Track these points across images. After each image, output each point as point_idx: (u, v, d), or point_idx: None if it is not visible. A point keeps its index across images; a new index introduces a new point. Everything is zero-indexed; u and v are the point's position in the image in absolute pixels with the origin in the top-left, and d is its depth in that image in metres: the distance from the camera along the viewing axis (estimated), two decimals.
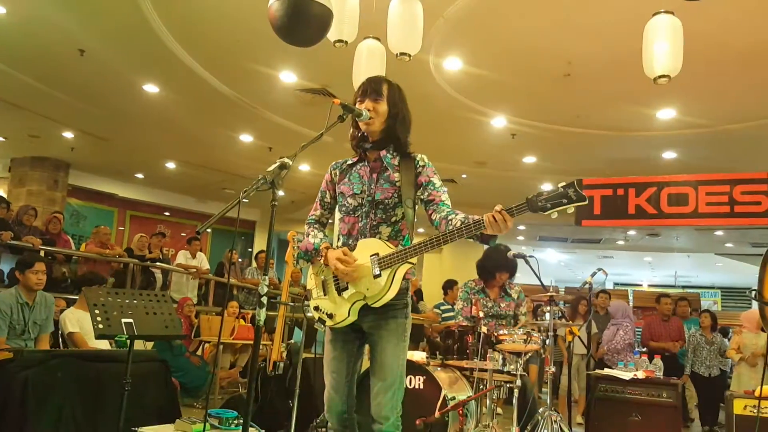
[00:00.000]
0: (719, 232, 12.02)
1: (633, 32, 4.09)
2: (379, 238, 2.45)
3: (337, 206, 2.66)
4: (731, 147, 7.23)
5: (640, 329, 8.69)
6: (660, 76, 3.74)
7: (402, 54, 3.91)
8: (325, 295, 2.54)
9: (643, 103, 6.39)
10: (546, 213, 2.14)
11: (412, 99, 2.62)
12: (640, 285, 20.03)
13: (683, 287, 18.22)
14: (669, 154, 7.97)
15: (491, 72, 5.93)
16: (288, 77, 6.34)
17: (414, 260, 2.37)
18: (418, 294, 9.85)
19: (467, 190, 10.51)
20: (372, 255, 2.39)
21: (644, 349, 7.95)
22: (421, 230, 9.40)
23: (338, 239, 2.59)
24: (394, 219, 2.50)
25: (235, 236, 13.16)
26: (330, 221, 2.72)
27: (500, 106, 6.87)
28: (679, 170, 7.92)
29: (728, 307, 18.11)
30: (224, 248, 10.78)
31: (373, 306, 2.38)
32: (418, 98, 6.39)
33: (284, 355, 4.72)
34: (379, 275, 2.35)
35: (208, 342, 7.49)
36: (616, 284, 20.67)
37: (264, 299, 2.07)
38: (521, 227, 13.52)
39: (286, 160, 2.13)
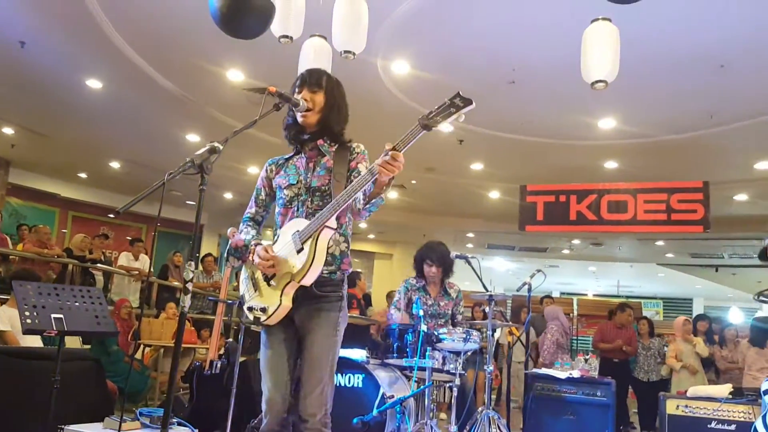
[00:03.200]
0: (660, 242, 12.41)
1: (575, 40, 4.22)
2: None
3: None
4: (669, 157, 7.49)
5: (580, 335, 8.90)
6: (597, 81, 3.85)
7: (346, 52, 3.92)
8: (255, 291, 2.50)
9: (586, 112, 6.57)
10: (438, 126, 2.12)
11: (361, 102, 2.64)
12: (585, 294, 20.49)
13: (626, 297, 18.71)
14: (610, 163, 8.20)
15: (438, 76, 6.00)
16: (235, 75, 6.28)
17: (332, 224, 2.33)
18: (367, 299, 9.83)
19: (417, 195, 10.58)
20: (293, 234, 2.37)
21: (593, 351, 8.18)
22: None
23: (275, 234, 2.55)
24: None
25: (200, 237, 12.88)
26: (265, 219, 2.69)
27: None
28: (619, 179, 8.17)
29: (670, 317, 18.64)
30: (169, 251, 10.56)
31: (304, 283, 2.33)
32: (367, 101, 6.51)
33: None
34: (302, 248, 2.33)
35: (149, 346, 7.32)
36: (562, 293, 21.11)
37: (189, 285, 2.03)
38: (470, 234, 13.67)
39: (216, 144, 2.10)
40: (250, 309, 2.49)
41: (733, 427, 4.30)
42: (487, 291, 4.70)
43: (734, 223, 9.22)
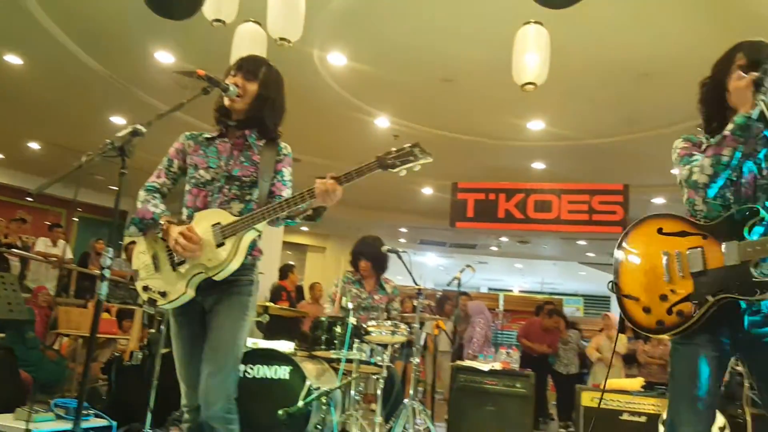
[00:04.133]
0: (582, 242, 12.88)
1: (508, 42, 4.33)
2: (233, 214, 2.36)
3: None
4: (593, 160, 7.77)
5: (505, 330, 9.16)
6: (527, 83, 3.98)
7: (282, 39, 3.88)
8: (156, 271, 2.39)
9: (516, 113, 6.74)
10: (395, 170, 2.16)
11: (297, 93, 2.59)
12: (511, 290, 21.08)
13: (550, 293, 19.35)
14: (538, 164, 8.45)
15: (375, 70, 6.02)
16: (165, 58, 6.09)
17: (261, 227, 2.32)
18: (300, 292, 9.79)
19: (352, 189, 10.51)
20: (214, 224, 2.31)
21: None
22: None
23: (183, 212, 2.46)
24: (248, 197, 2.43)
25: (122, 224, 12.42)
26: (170, 192, 2.56)
27: (383, 106, 6.99)
28: (546, 179, 8.44)
29: (590, 313, 19.42)
30: (90, 238, 10.16)
31: (215, 278, 2.28)
32: (302, 91, 6.46)
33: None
34: (223, 244, 2.28)
35: (67, 335, 7.03)
36: (490, 289, 21.65)
37: (107, 272, 1.96)
38: (403, 230, 13.79)
39: (139, 126, 2.03)
40: (146, 289, 2.40)
41: (643, 419, 4.52)
42: (417, 285, 4.77)
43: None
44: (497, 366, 4.60)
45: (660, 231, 2.09)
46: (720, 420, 3.98)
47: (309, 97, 6.63)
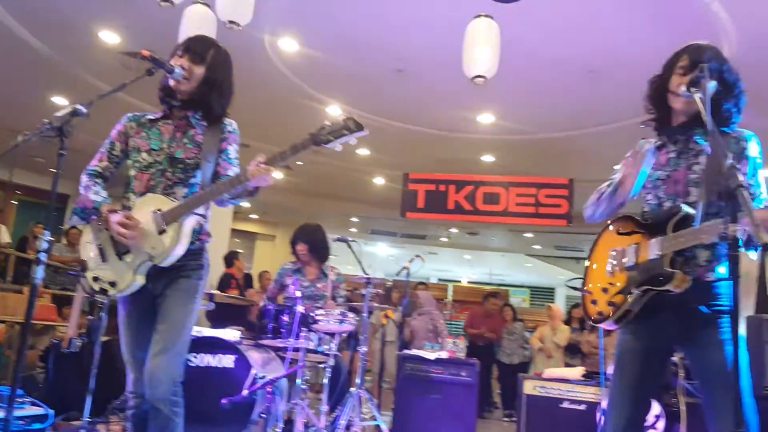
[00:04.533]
0: (529, 234, 13.15)
1: (459, 35, 4.35)
2: (173, 199, 2.32)
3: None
4: (540, 154, 7.93)
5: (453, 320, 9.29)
6: (477, 76, 4.02)
7: (231, 22, 3.81)
8: (104, 262, 2.34)
9: (466, 106, 6.80)
10: (330, 146, 2.15)
11: (247, 78, 2.54)
12: (460, 281, 21.35)
13: (497, 285, 19.68)
14: (487, 157, 8.55)
15: (327, 58, 5.98)
16: (110, 38, 5.90)
17: (202, 210, 2.29)
18: (248, 280, 9.67)
19: (303, 177, 10.51)
20: (154, 211, 2.27)
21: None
22: None
23: (130, 197, 2.39)
24: (192, 180, 2.38)
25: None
26: (113, 176, 2.49)
27: (335, 94, 6.94)
28: (495, 172, 8.56)
29: (535, 304, 19.85)
30: (30, 221, 9.79)
31: (161, 265, 2.25)
32: (252, 76, 6.36)
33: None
34: (165, 230, 2.24)
35: (3, 322, 6.78)
36: (440, 279, 21.87)
37: (43, 256, 1.90)
38: (354, 219, 13.79)
39: (79, 106, 1.97)
40: (96, 279, 2.35)
41: (583, 407, 4.65)
42: (366, 274, 4.78)
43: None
44: (443, 355, 4.66)
45: (618, 232, 2.22)
46: (656, 408, 4.14)
47: (259, 83, 6.54)
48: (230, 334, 4.44)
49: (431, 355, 4.62)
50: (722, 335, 1.96)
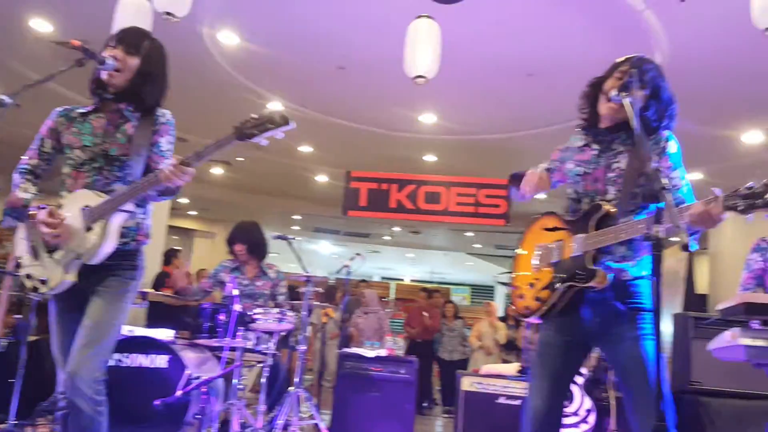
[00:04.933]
0: (469, 233, 13.35)
1: (401, 34, 4.37)
2: (104, 195, 2.24)
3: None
4: (480, 155, 8.07)
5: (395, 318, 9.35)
6: (418, 76, 4.05)
7: (168, 14, 3.71)
8: (36, 259, 2.27)
9: (409, 105, 6.85)
10: (255, 140, 2.09)
11: (185, 71, 2.47)
12: (402, 279, 21.49)
13: (439, 283, 19.90)
14: (429, 157, 8.64)
15: (269, 52, 5.90)
16: (41, 26, 5.65)
17: (128, 207, 2.22)
18: (159, 279, 9.42)
19: (243, 173, 10.35)
20: (83, 207, 2.20)
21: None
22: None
23: (63, 196, 2.31)
24: (130, 177, 2.30)
25: None
26: (46, 173, 2.40)
27: (277, 90, 6.87)
28: (437, 171, 8.66)
29: (476, 302, 20.17)
30: None
31: (90, 263, 2.18)
32: (190, 69, 6.21)
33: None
34: (92, 228, 2.18)
35: None
36: (382, 278, 21.95)
37: None
38: (297, 217, 13.67)
39: (3, 96, 1.89)
40: (29, 277, 2.28)
41: (518, 402, 4.76)
42: (306, 273, 4.75)
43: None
44: (383, 353, 4.68)
45: (544, 228, 2.28)
46: (587, 402, 4.28)
47: (198, 77, 6.40)
48: (163, 333, 4.33)
49: (371, 354, 4.63)
50: (638, 331, 2.03)
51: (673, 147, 2.14)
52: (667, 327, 6.02)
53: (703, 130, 6.56)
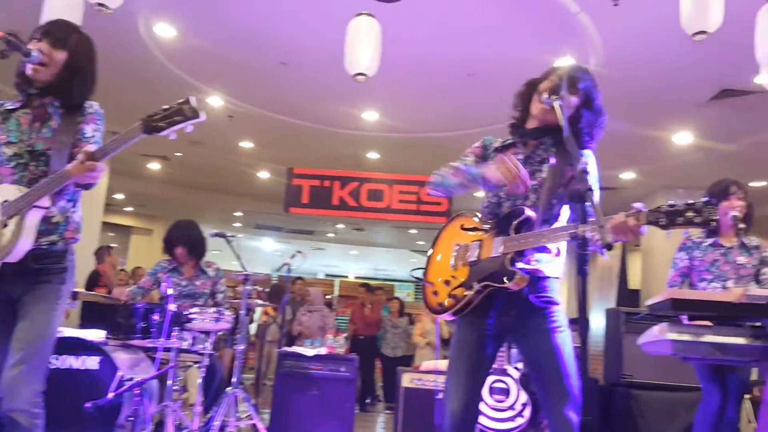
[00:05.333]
0: (413, 230, 13.44)
1: (342, 31, 4.35)
2: (22, 189, 2.16)
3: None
4: (422, 153, 8.11)
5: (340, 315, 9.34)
6: (358, 74, 4.04)
7: (100, 5, 3.58)
8: None
9: (351, 103, 6.84)
10: (163, 134, 2.03)
11: (120, 64, 2.38)
12: (347, 276, 21.48)
13: (383, 279, 19.98)
14: (372, 154, 8.65)
15: (208, 46, 5.78)
16: None
17: (44, 203, 2.14)
18: (92, 278, 9.12)
19: (182, 169, 10.12)
20: (2, 202, 2.12)
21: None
22: None
23: None
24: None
25: None
26: None
27: (217, 85, 6.74)
28: (380, 169, 8.68)
29: (420, 298, 20.32)
30: None
31: (8, 261, 2.09)
32: (127, 64, 6.03)
33: None
34: (6, 224, 2.09)
35: None
36: (327, 275, 21.88)
37: None
38: (238, 214, 13.46)
39: None
40: None
41: None
42: (245, 271, 4.68)
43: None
44: (323, 351, 4.66)
45: (462, 227, 2.31)
46: (523, 397, 4.37)
47: (134, 70, 6.23)
48: (94, 334, 4.20)
49: (310, 352, 4.60)
50: (550, 324, 2.10)
51: (592, 165, 2.17)
52: (600, 322, 6.22)
53: (636, 131, 6.80)
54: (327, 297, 18.78)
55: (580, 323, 1.87)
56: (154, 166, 10.01)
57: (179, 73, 6.35)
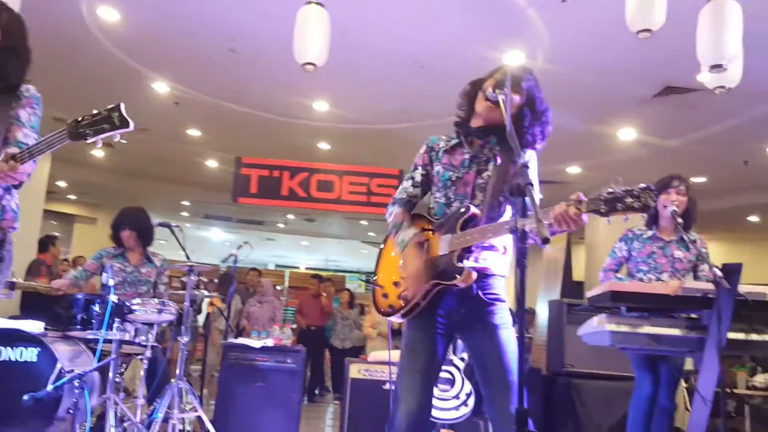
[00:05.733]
0: (364, 222, 13.46)
1: (292, 19, 4.30)
2: None
3: None
4: (373, 144, 8.13)
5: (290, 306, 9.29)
6: (307, 63, 4.01)
7: None
8: None
9: (301, 92, 6.77)
10: (90, 141, 1.96)
11: (63, 48, 2.29)
12: (298, 267, 21.36)
13: (334, 270, 19.96)
14: (323, 144, 8.60)
15: (154, 30, 5.63)
16: None
17: None
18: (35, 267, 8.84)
19: (127, 157, 9.85)
20: None
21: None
22: None
23: None
24: None
25: None
26: None
27: (163, 71, 6.57)
28: (331, 160, 8.64)
29: (370, 290, 20.41)
30: None
31: None
32: (70, 47, 5.83)
33: None
34: None
35: None
36: (277, 265, 21.71)
37: None
38: (186, 203, 13.21)
39: None
40: None
41: None
42: (189, 261, 4.61)
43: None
44: (269, 343, 4.63)
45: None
46: (467, 387, 4.44)
47: (77, 54, 6.03)
48: (32, 325, 4.07)
49: (256, 344, 4.57)
50: (496, 321, 2.15)
51: (533, 162, 2.21)
52: (543, 313, 6.38)
53: (582, 126, 6.96)
54: (277, 288, 18.72)
55: (518, 315, 1.92)
56: (98, 153, 9.72)
57: (124, 57, 6.17)
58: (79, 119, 1.91)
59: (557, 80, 5.52)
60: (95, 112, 1.93)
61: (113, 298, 3.96)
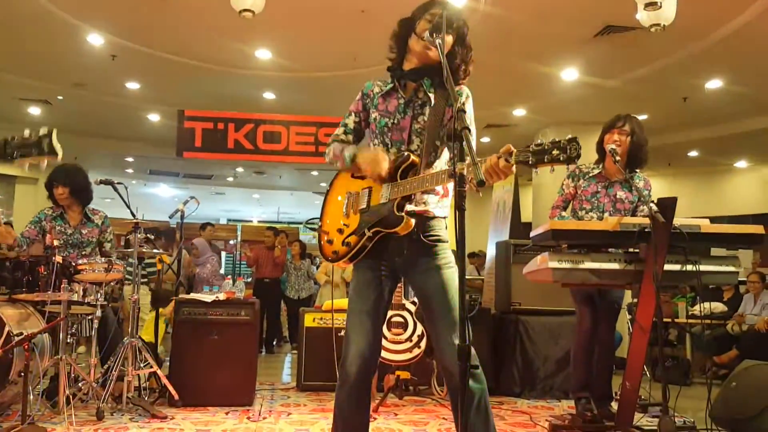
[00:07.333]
0: (315, 173, 13.37)
1: None
2: None
3: None
4: (319, 93, 7.99)
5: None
6: (244, 10, 3.90)
7: None
8: None
9: (242, 40, 6.57)
10: (14, 163, 1.98)
11: None
12: (250, 221, 21.19)
13: (287, 223, 19.87)
14: (268, 94, 8.42)
15: None
16: None
17: None
18: None
19: (65, 113, 9.46)
20: None
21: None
22: None
23: None
24: None
25: None
26: None
27: (96, 22, 6.27)
28: (277, 110, 8.47)
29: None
30: None
31: None
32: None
33: None
34: None
35: None
36: (229, 220, 21.49)
37: None
38: (129, 159, 12.85)
39: None
40: None
41: None
42: (135, 218, 4.54)
43: None
44: (222, 296, 4.64)
45: (352, 175, 2.34)
46: (419, 329, 4.57)
47: (6, 8, 5.71)
48: None
49: (208, 298, 4.56)
50: (439, 261, 2.21)
51: (469, 107, 2.25)
52: (492, 254, 6.54)
53: (526, 67, 6.98)
54: (231, 243, 18.57)
55: (458, 257, 1.97)
56: (35, 110, 9.30)
57: (55, 10, 5.86)
58: (9, 138, 1.89)
59: (499, 23, 5.49)
60: (27, 134, 1.91)
61: (58, 258, 3.90)
